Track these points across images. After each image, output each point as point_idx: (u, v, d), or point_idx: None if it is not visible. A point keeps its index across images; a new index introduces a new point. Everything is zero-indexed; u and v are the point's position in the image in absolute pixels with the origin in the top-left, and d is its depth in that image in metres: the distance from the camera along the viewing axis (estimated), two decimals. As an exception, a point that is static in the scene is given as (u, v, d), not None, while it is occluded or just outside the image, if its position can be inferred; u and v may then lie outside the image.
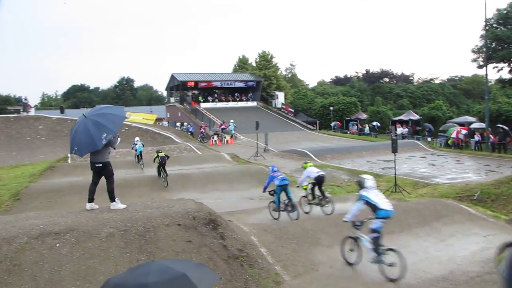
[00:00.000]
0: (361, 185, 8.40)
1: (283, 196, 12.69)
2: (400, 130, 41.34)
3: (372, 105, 62.27)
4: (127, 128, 37.71)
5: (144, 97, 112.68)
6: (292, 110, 53.20)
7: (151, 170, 20.21)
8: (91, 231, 7.19)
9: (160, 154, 18.79)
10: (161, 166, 18.51)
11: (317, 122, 51.83)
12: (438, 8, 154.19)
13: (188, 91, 58.40)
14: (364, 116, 53.32)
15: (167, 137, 35.50)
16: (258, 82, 59.52)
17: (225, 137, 39.14)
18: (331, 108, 52.74)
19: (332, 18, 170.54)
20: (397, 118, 48.14)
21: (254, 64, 68.73)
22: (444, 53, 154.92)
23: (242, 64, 70.13)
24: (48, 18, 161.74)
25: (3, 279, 6.21)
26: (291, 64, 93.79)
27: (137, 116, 43.88)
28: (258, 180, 18.41)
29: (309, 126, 49.04)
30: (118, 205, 8.51)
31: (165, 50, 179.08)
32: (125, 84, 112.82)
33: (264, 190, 13.10)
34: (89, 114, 8.13)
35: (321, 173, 13.27)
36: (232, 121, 42.15)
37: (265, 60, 66.56)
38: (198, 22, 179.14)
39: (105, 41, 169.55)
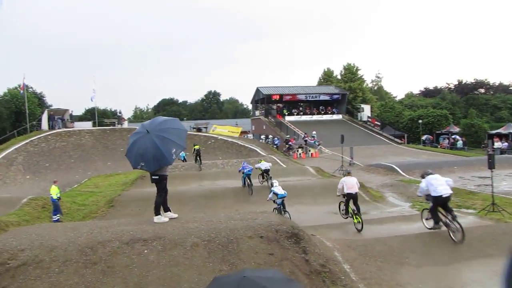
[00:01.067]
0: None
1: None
2: (498, 144, 38.42)
3: (466, 117, 58.69)
4: (213, 141, 38.97)
5: (230, 110, 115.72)
6: (379, 123, 51.73)
7: (236, 182, 20.59)
8: (176, 240, 7.45)
9: (196, 147, 24.46)
10: (198, 155, 23.96)
11: (405, 135, 49.84)
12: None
13: (273, 104, 59.07)
14: (456, 129, 50.39)
15: (252, 150, 36.06)
16: (344, 95, 58.72)
17: (309, 150, 38.92)
18: (420, 121, 50.52)
19: (420, 26, 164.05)
20: (494, 132, 44.81)
21: (339, 77, 67.96)
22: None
23: (327, 77, 69.61)
24: (139, 34, 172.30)
25: (99, 278, 6.65)
26: (377, 76, 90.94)
27: (223, 129, 45.08)
28: (342, 195, 18.10)
29: (396, 140, 47.34)
30: (162, 218, 8.69)
31: (250, 64, 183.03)
32: (212, 98, 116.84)
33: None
34: (152, 129, 8.19)
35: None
36: (314, 132, 41.90)
37: (351, 72, 65.54)
38: (281, 36, 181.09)
39: (193, 56, 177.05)
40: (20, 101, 54.39)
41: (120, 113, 46.64)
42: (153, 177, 8.45)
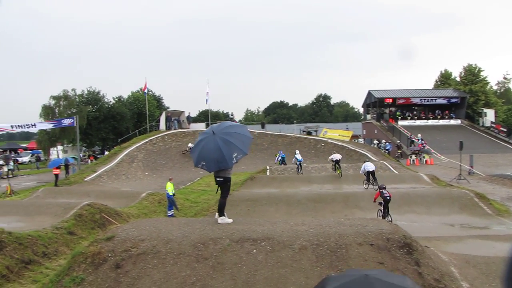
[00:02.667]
0: None
1: None
2: None
3: None
4: (323, 144, 38.65)
5: (340, 113, 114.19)
6: (505, 130, 47.19)
7: (345, 187, 20.19)
8: (285, 242, 7.45)
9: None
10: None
11: (536, 144, 44.91)
12: None
13: (385, 108, 57.00)
14: None
15: (363, 154, 35.10)
16: (463, 98, 54.59)
17: (424, 157, 36.85)
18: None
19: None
20: None
21: (458, 79, 63.33)
22: None
23: (444, 79, 65.18)
24: (250, 40, 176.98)
25: (209, 273, 6.91)
26: (504, 78, 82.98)
27: (333, 133, 44.48)
28: (460, 206, 16.79)
29: (526, 148, 42.82)
30: (226, 219, 8.62)
31: (362, 67, 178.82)
32: (322, 101, 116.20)
33: None
34: (218, 131, 8.28)
35: None
36: (419, 135, 39.67)
37: (472, 74, 60.74)
38: (394, 37, 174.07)
39: (304, 59, 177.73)
40: (141, 103, 59.05)
41: (232, 115, 48.48)
42: (218, 179, 8.50)
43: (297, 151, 28.07)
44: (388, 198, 14.04)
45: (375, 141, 46.61)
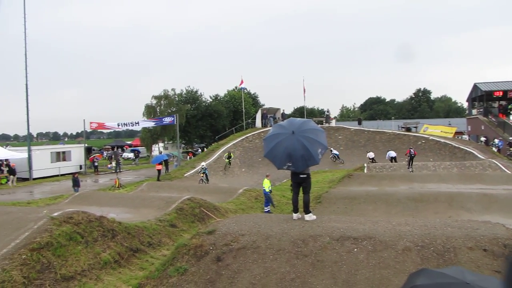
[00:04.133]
0: None
1: None
2: None
3: None
4: (423, 141, 36.75)
5: (441, 109, 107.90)
6: None
7: (450, 185, 18.98)
8: (387, 242, 7.13)
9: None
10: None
11: None
12: None
13: (493, 101, 52.64)
14: None
15: (468, 152, 32.78)
16: None
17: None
18: None
19: None
20: None
21: None
22: None
23: None
24: (344, 34, 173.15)
25: (309, 270, 6.82)
26: None
27: (435, 129, 42.06)
28: None
29: None
30: (312, 216, 8.47)
31: (466, 59, 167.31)
32: (422, 96, 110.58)
33: None
34: (297, 130, 8.07)
35: None
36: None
37: None
38: (502, 24, 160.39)
39: (401, 53, 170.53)
40: (237, 101, 60.48)
41: (328, 111, 47.66)
42: (301, 176, 8.35)
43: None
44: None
45: (482, 138, 43.24)
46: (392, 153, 31.47)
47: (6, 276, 9.20)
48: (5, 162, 35.03)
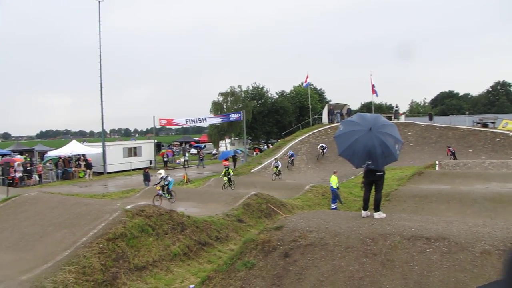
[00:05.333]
0: None
1: None
2: None
3: None
4: (503, 138, 34.56)
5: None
6: None
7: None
8: (463, 243, 6.76)
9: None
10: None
11: None
12: None
13: None
14: None
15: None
16: None
17: None
18: None
19: None
20: None
21: None
22: None
23: None
24: (413, 27, 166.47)
25: (378, 269, 6.62)
26: None
27: (517, 125, 39.34)
28: None
29: None
30: (382, 214, 8.22)
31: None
32: (500, 89, 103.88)
33: None
34: (374, 127, 7.80)
35: None
36: None
37: None
38: None
39: (476, 44, 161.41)
40: (303, 97, 60.11)
41: (396, 107, 46.11)
42: (378, 173, 8.07)
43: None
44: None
45: None
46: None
47: (86, 262, 9.78)
48: (82, 157, 37.22)
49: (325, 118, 44.27)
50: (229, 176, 23.50)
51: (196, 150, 59.15)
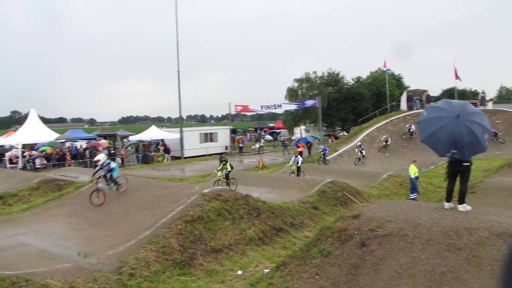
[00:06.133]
0: None
1: None
2: None
3: None
4: None
5: None
6: None
7: None
8: (562, 242, 6.20)
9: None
10: None
11: None
12: None
13: None
14: None
15: None
16: None
17: None
18: None
19: None
20: None
21: None
22: None
23: None
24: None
25: (462, 265, 6.25)
26: None
27: None
28: None
29: None
30: (467, 207, 7.76)
31: None
32: None
33: None
34: (462, 114, 7.29)
35: None
36: None
37: None
38: None
39: None
40: (381, 83, 58.17)
41: (483, 93, 43.06)
42: (464, 164, 7.53)
43: None
44: None
45: None
46: None
47: (166, 242, 10.24)
48: (161, 142, 38.83)
49: (403, 104, 42.57)
50: (227, 171, 18.69)
51: (271, 137, 59.52)
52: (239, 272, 9.88)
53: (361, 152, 30.02)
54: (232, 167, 18.76)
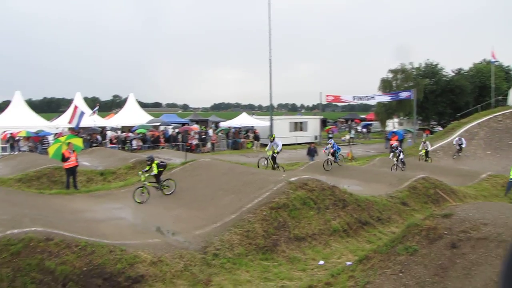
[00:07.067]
0: None
1: None
2: None
3: None
4: None
5: None
6: None
7: None
8: None
9: None
10: None
11: None
12: None
13: None
14: None
15: None
16: None
17: None
18: None
19: None
20: None
21: None
22: None
23: None
24: None
25: None
26: None
27: None
28: None
29: None
30: None
31: None
32: None
33: None
34: None
35: None
36: None
37: None
38: None
39: None
40: (485, 75, 53.95)
41: None
42: None
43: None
44: None
45: None
46: None
47: (250, 227, 10.46)
48: (251, 129, 39.51)
49: (511, 99, 39.27)
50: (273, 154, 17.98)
51: (365, 129, 58.08)
52: (321, 262, 9.82)
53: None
54: (162, 167, 14.79)
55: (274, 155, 16.86)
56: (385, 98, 45.21)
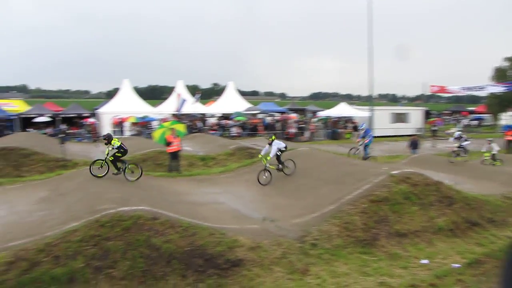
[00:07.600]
0: None
1: None
2: None
3: None
4: None
5: None
6: None
7: None
8: None
9: None
10: None
11: None
12: None
13: None
14: None
15: None
16: None
17: None
18: None
19: None
20: None
21: None
22: None
23: None
24: None
25: None
26: None
27: None
28: None
29: None
30: None
31: None
32: None
33: None
34: None
35: None
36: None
37: None
38: None
39: None
40: None
41: None
42: None
43: None
44: None
45: None
46: None
47: (349, 219, 10.19)
48: (350, 119, 38.60)
49: None
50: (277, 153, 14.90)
51: (476, 122, 54.15)
52: (425, 261, 9.25)
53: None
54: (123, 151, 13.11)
55: (278, 153, 14.45)
56: (499, 89, 41.56)
